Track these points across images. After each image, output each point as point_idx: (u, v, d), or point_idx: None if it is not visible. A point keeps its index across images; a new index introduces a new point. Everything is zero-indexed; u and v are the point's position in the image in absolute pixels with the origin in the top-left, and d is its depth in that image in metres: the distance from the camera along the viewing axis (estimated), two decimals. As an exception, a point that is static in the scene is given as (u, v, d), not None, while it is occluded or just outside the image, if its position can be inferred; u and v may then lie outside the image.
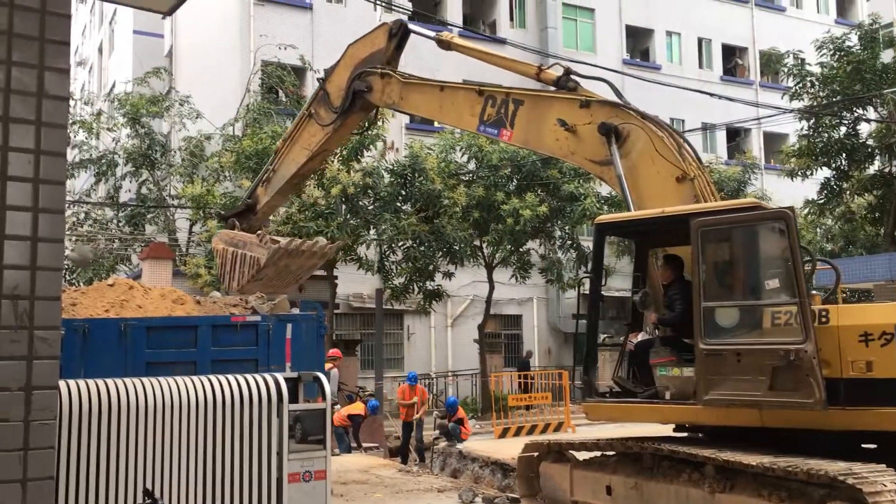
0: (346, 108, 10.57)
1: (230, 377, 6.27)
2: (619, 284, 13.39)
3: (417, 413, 16.97)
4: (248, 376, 6.36)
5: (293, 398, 6.51)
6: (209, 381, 6.16)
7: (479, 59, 10.56)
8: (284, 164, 11.39)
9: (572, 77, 9.16)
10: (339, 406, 16.37)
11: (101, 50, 37.39)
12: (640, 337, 8.04)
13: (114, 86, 29.45)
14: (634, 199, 8.13)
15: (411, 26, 10.65)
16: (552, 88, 9.38)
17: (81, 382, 5.73)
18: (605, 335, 8.42)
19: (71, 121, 23.87)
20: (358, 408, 16.58)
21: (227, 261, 10.63)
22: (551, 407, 19.50)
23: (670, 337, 7.74)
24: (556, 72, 9.41)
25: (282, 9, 26.81)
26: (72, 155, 24.85)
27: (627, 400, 7.81)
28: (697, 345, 6.95)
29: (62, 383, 5.48)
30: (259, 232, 10.69)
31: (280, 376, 6.49)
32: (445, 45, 10.47)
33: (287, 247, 10.16)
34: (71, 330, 8.02)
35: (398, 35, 10.49)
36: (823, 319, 6.67)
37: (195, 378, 6.21)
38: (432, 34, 10.70)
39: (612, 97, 9.00)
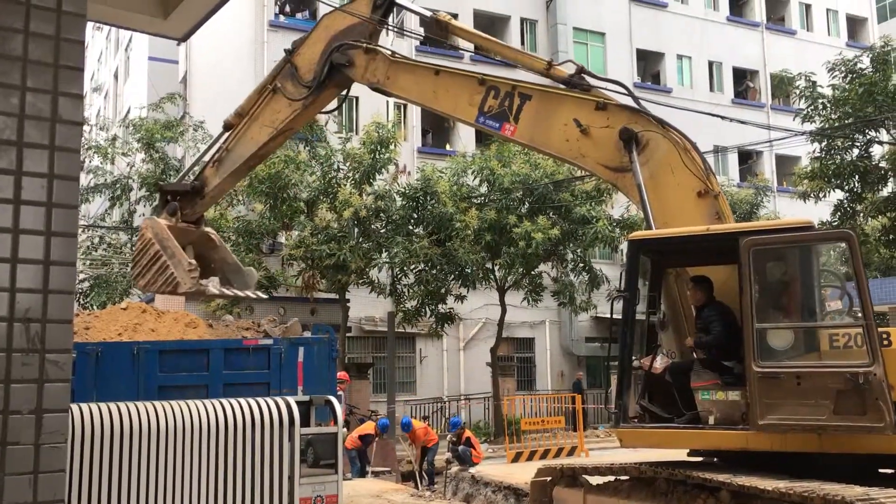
0: (321, 82, 9.62)
1: (242, 401, 6.26)
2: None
3: (427, 443, 16.82)
4: (260, 400, 6.35)
5: (305, 422, 6.50)
6: (221, 404, 6.15)
7: (479, 45, 9.91)
8: (242, 142, 10.20)
9: (585, 77, 8.65)
10: (345, 431, 16.28)
11: (116, 76, 37.84)
12: (660, 360, 7.71)
13: (129, 111, 29.77)
14: (652, 211, 7.80)
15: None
16: (560, 86, 8.77)
17: (94, 406, 5.74)
18: (635, 358, 8.06)
19: (86, 146, 24.11)
20: (368, 427, 16.52)
21: (148, 256, 9.80)
22: (564, 431, 19.36)
23: (708, 360, 7.47)
24: (568, 69, 8.83)
25: (295, 35, 26.87)
26: (87, 180, 25.07)
27: (668, 425, 7.42)
28: (750, 368, 6.70)
29: (74, 407, 5.48)
30: (197, 273, 9.60)
31: (292, 400, 6.48)
32: (443, 27, 9.63)
33: (210, 292, 9.66)
34: (83, 353, 8.04)
35: (383, 6, 9.61)
36: (886, 342, 6.53)
37: (207, 402, 6.20)
38: (428, 13, 9.83)
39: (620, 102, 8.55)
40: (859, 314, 6.63)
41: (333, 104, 10.47)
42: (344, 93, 10.40)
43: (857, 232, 6.68)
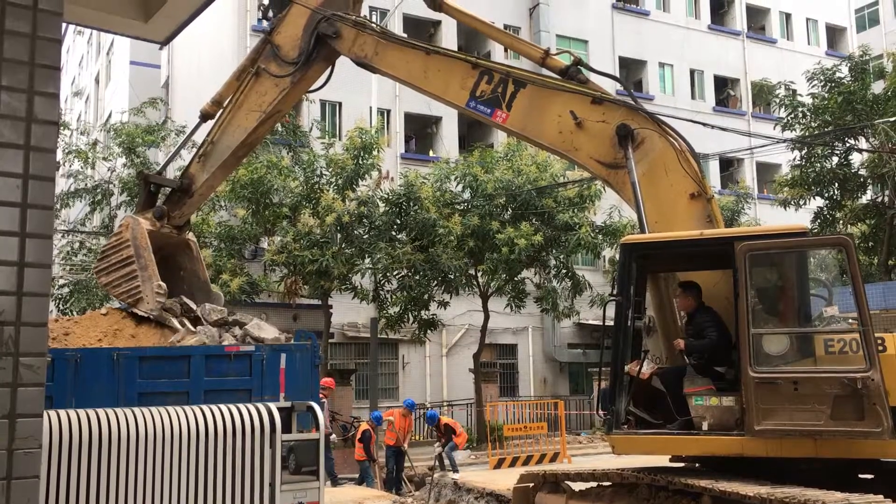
0: (309, 54, 9.29)
1: (223, 407, 6.19)
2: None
3: (403, 441, 16.83)
4: (241, 406, 6.29)
5: (287, 428, 6.44)
6: (202, 411, 6.09)
7: (473, 27, 9.70)
8: (228, 131, 9.72)
9: (582, 69, 8.53)
10: (334, 437, 16.23)
11: (97, 80, 37.63)
12: (647, 365, 7.60)
13: (110, 116, 29.60)
14: (644, 210, 7.72)
15: None
16: (556, 77, 8.64)
17: (71, 412, 5.65)
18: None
19: (67, 150, 23.90)
20: (363, 426, 16.54)
21: (119, 257, 9.52)
22: (546, 437, 19.37)
23: (700, 365, 7.41)
24: (565, 60, 8.74)
25: (278, 40, 26.96)
26: (67, 184, 24.85)
27: (662, 431, 7.33)
28: (746, 373, 6.67)
29: (52, 413, 5.41)
30: (164, 298, 9.32)
31: (273, 406, 6.43)
32: (437, 5, 9.34)
33: (171, 325, 9.24)
34: (63, 359, 7.94)
35: None
36: (881, 348, 6.53)
37: (187, 408, 6.14)
38: None
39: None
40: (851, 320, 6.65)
41: (321, 81, 10.02)
42: (330, 69, 9.95)
43: (853, 238, 6.65)
